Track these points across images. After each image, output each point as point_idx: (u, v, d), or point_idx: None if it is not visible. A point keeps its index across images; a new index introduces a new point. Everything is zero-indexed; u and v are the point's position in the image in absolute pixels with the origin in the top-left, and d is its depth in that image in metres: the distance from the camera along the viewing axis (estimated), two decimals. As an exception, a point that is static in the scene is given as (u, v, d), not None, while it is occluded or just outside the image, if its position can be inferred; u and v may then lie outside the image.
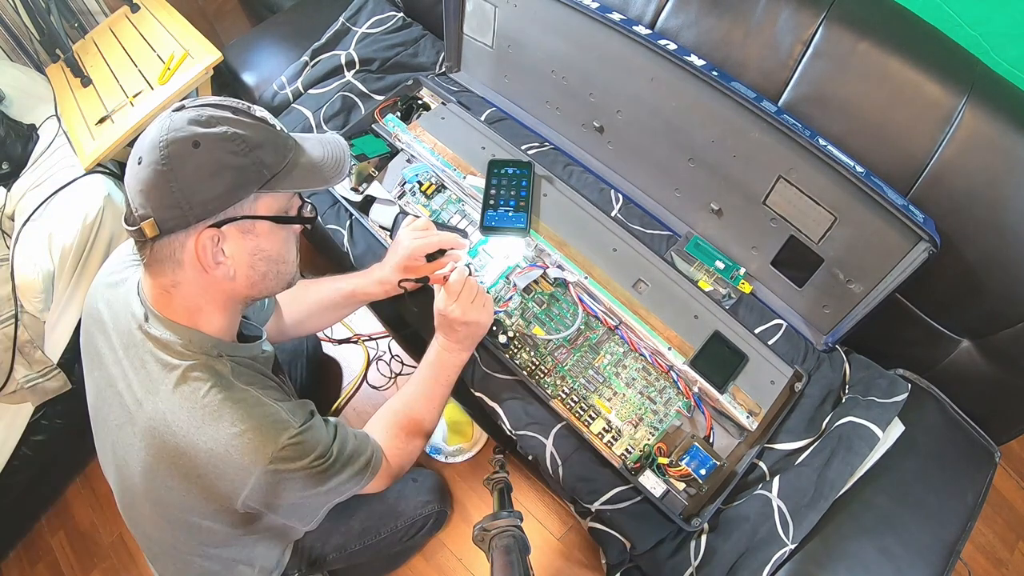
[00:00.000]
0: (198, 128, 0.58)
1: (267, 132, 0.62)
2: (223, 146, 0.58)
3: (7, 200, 1.26)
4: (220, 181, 0.58)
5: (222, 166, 0.58)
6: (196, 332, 0.65)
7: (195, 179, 0.57)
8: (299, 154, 0.65)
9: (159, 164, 0.57)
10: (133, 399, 0.65)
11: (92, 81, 1.35)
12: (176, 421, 0.62)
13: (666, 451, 0.88)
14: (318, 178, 0.67)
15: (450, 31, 1.24)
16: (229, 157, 0.58)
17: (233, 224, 0.61)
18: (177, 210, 0.58)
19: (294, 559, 0.94)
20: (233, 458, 0.62)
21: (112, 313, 0.70)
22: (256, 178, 0.61)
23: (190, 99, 0.62)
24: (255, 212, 0.62)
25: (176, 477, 0.64)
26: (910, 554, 0.86)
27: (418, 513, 1.10)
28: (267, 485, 0.64)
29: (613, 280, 1.00)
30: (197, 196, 0.58)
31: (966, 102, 0.84)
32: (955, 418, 0.98)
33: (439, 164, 1.11)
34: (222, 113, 0.60)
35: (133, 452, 0.66)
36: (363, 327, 1.54)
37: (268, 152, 0.61)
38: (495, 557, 0.70)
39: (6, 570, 1.43)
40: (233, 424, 0.62)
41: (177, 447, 0.62)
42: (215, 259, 0.62)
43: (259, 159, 0.60)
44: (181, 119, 0.58)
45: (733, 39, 0.99)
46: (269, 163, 0.61)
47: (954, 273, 0.90)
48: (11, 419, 1.25)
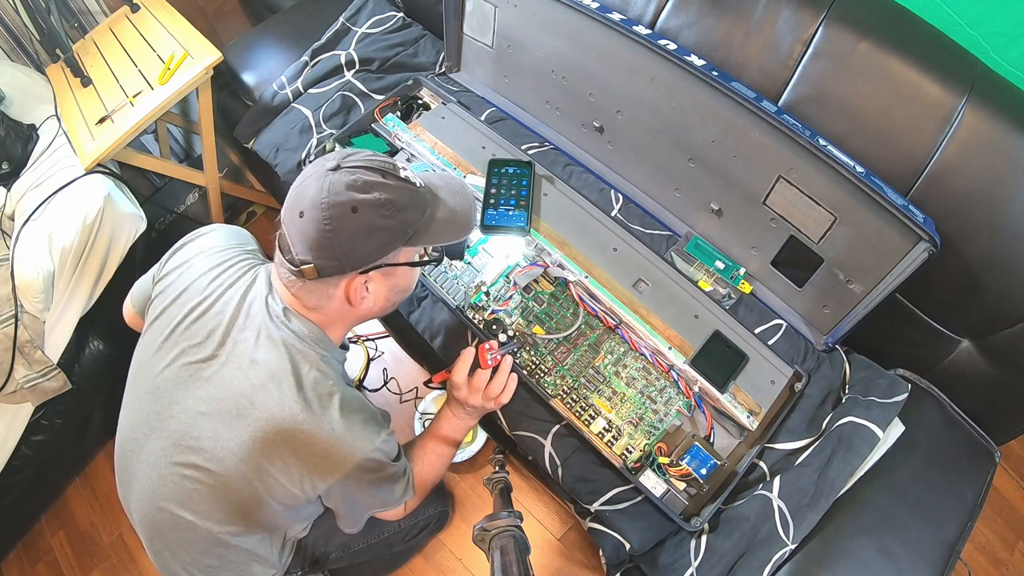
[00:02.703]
0: (356, 194, 0.66)
1: (410, 193, 0.70)
2: (376, 211, 0.67)
3: (7, 200, 1.26)
4: (373, 240, 0.68)
5: (375, 228, 0.67)
6: (324, 334, 0.75)
7: (352, 238, 0.67)
8: (436, 208, 0.74)
9: (323, 223, 0.65)
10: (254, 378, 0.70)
11: (92, 81, 1.35)
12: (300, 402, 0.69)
13: (666, 451, 0.88)
14: (452, 231, 0.77)
15: (450, 31, 1.24)
16: (381, 220, 0.67)
17: (379, 270, 0.72)
18: (335, 261, 0.68)
19: (296, 558, 0.94)
20: (347, 442, 0.70)
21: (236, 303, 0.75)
22: (401, 236, 0.70)
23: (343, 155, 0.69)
24: (398, 260, 0.73)
25: (286, 452, 0.69)
26: (910, 554, 0.86)
27: (420, 513, 1.10)
28: (359, 475, 0.72)
29: (613, 279, 1.00)
30: (354, 252, 0.68)
31: (966, 102, 0.84)
32: (955, 418, 0.98)
33: (439, 163, 1.11)
34: (374, 178, 0.67)
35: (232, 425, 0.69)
36: (363, 327, 1.54)
37: (411, 213, 0.70)
38: (495, 557, 0.70)
39: (6, 570, 1.43)
40: (351, 415, 0.71)
41: (301, 424, 0.69)
42: (361, 296, 0.73)
43: (404, 220, 0.69)
44: (340, 183, 0.66)
45: (733, 39, 0.99)
46: (412, 221, 0.70)
47: (954, 273, 0.90)
48: (11, 419, 1.25)
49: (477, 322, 0.99)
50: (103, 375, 1.34)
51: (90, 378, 1.31)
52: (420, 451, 0.90)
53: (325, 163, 0.68)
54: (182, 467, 0.71)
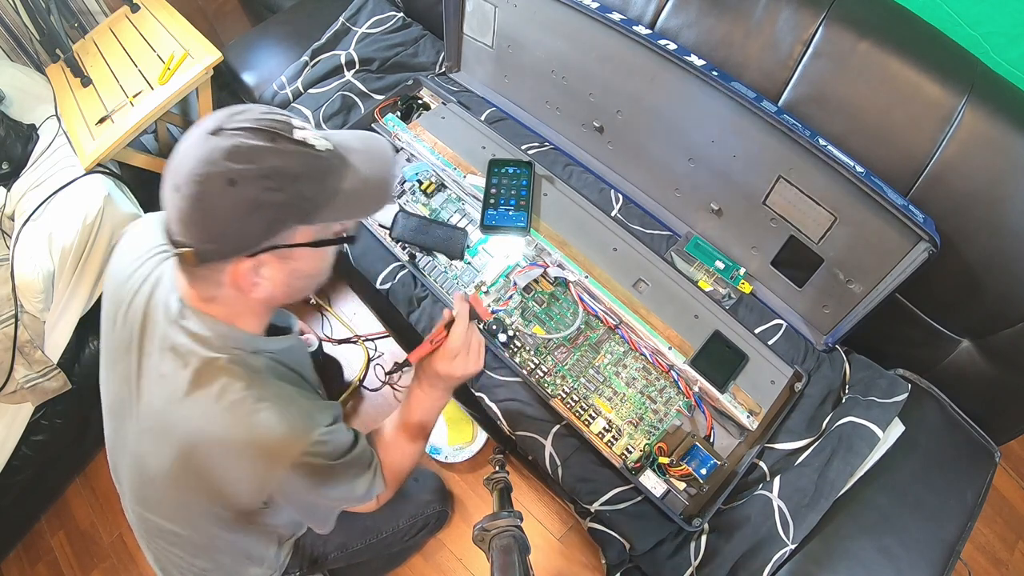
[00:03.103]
0: (234, 165, 0.55)
1: (307, 159, 0.59)
2: (259, 184, 0.56)
3: (7, 200, 1.26)
4: (257, 219, 0.57)
5: (258, 204, 0.56)
6: (232, 328, 0.66)
7: (231, 217, 0.56)
8: (342, 176, 0.62)
9: (195, 199, 0.55)
10: (167, 391, 0.65)
11: (92, 81, 1.35)
12: (212, 412, 0.63)
13: (667, 451, 0.88)
14: (361, 205, 0.65)
15: (450, 31, 1.24)
16: (266, 195, 0.56)
17: (271, 253, 0.60)
18: (215, 244, 0.58)
19: (295, 558, 0.94)
20: (267, 449, 0.63)
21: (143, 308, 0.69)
22: (294, 213, 0.59)
23: (229, 114, 0.58)
24: (293, 241, 0.61)
25: (211, 465, 0.65)
26: (910, 554, 0.86)
27: (419, 513, 1.10)
28: (294, 478, 0.65)
29: (613, 279, 1.00)
30: (234, 234, 0.57)
31: (966, 102, 0.84)
32: (955, 418, 0.98)
33: (439, 163, 1.11)
34: (258, 143, 0.56)
35: (163, 442, 0.66)
36: (363, 327, 1.55)
37: (307, 184, 0.59)
38: (495, 557, 0.70)
39: (6, 570, 1.42)
40: (269, 417, 0.63)
41: (214, 436, 0.63)
42: (252, 283, 0.62)
43: (298, 192, 0.58)
44: (217, 151, 0.55)
45: (733, 39, 0.99)
46: (309, 195, 0.59)
47: (954, 273, 0.90)
48: (11, 419, 1.25)
49: (477, 322, 0.99)
50: None
51: (90, 378, 1.29)
52: (391, 440, 0.81)
53: (207, 125, 0.57)
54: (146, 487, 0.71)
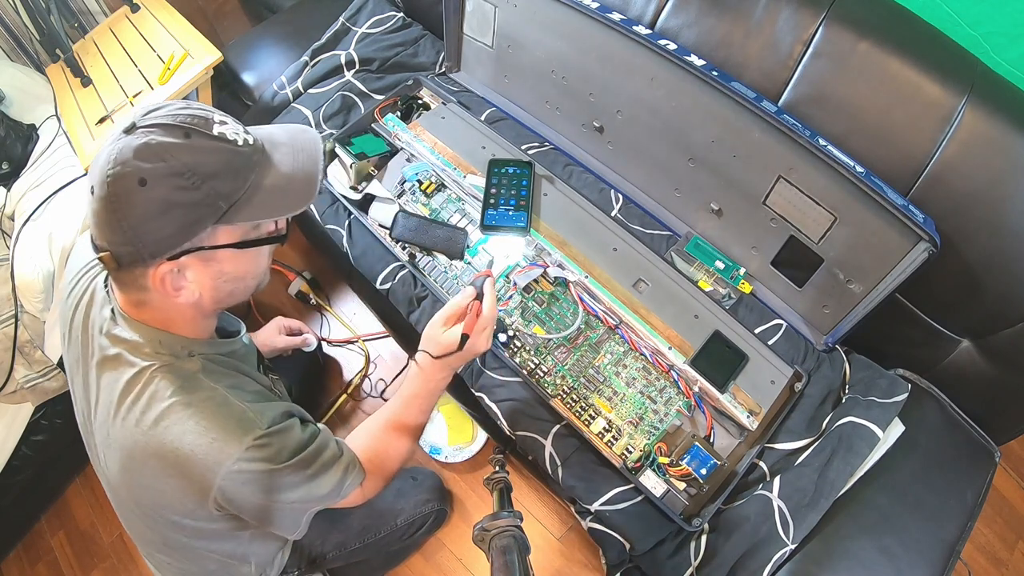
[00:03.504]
0: (143, 163, 0.53)
1: (224, 155, 0.57)
2: (171, 182, 0.54)
3: (7, 200, 1.26)
4: (170, 220, 0.55)
5: (171, 204, 0.54)
6: (165, 333, 0.64)
7: (144, 218, 0.54)
8: (263, 173, 0.60)
9: (107, 201, 0.54)
10: (106, 404, 0.65)
11: (92, 81, 1.35)
12: (144, 422, 0.61)
13: (666, 451, 0.88)
14: (283, 203, 0.62)
15: (450, 31, 1.24)
16: (178, 194, 0.54)
17: (192, 255, 0.58)
18: (130, 247, 0.56)
19: (293, 557, 0.94)
20: (199, 458, 0.61)
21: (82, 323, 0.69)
22: (211, 212, 0.57)
23: (146, 110, 0.57)
24: (215, 242, 0.59)
25: (148, 478, 0.64)
26: (910, 554, 0.86)
27: (418, 512, 1.10)
28: (234, 486, 0.62)
29: (613, 279, 1.00)
30: (148, 235, 0.55)
31: (966, 102, 0.84)
32: (955, 418, 0.98)
33: (439, 163, 1.11)
34: (171, 139, 0.54)
35: (111, 456, 0.66)
36: (363, 327, 1.55)
37: (224, 181, 0.57)
38: (495, 557, 0.70)
39: (6, 570, 1.42)
40: (198, 424, 0.61)
41: (146, 448, 0.62)
42: (176, 286, 0.60)
43: (213, 190, 0.56)
44: (127, 149, 0.53)
45: (733, 39, 0.99)
46: (226, 192, 0.57)
47: (954, 273, 0.90)
48: (11, 419, 1.25)
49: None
50: None
51: (90, 378, 1.31)
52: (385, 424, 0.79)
53: (123, 122, 0.56)
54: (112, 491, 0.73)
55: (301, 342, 1.29)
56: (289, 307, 1.59)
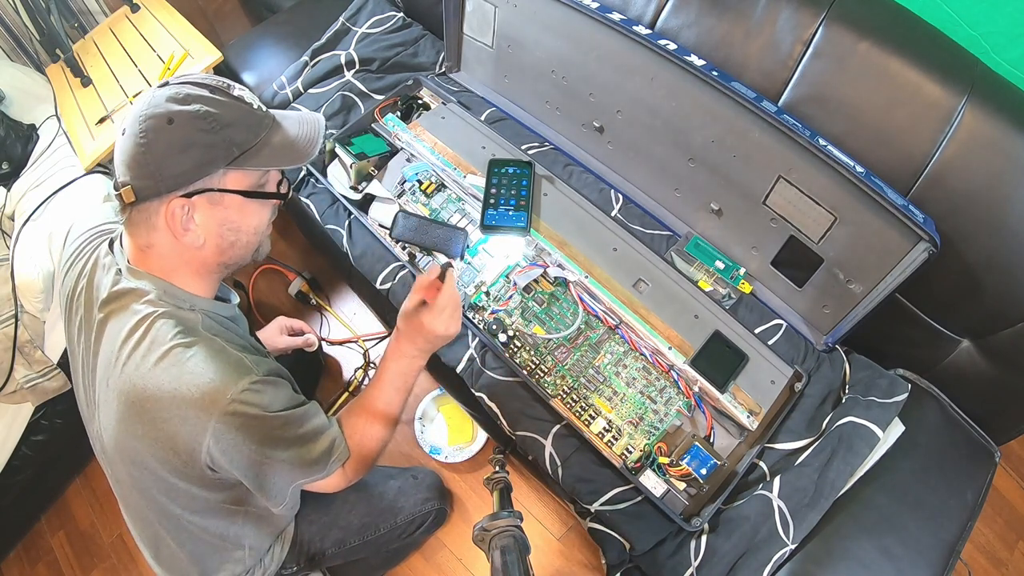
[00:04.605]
0: (174, 106, 0.62)
1: (241, 111, 0.66)
2: (194, 124, 0.63)
3: (7, 200, 1.26)
4: (189, 156, 0.63)
5: (191, 143, 0.63)
6: (169, 284, 0.69)
7: (167, 153, 0.62)
8: (273, 133, 0.69)
9: (138, 137, 0.62)
10: (107, 355, 0.68)
11: (92, 81, 1.35)
12: (144, 364, 0.65)
13: (666, 451, 0.88)
14: (288, 157, 0.71)
15: (450, 31, 1.24)
16: (199, 135, 0.63)
17: (203, 195, 0.66)
18: (151, 180, 0.63)
19: (292, 554, 0.94)
20: (195, 398, 0.63)
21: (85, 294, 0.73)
22: (224, 155, 0.65)
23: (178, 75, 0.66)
24: (224, 186, 0.67)
25: (144, 423, 0.65)
26: (910, 554, 0.86)
27: (417, 510, 1.10)
28: (228, 430, 0.64)
29: (613, 279, 1.00)
30: (168, 169, 0.63)
31: (966, 102, 0.84)
32: (955, 418, 0.98)
33: (439, 163, 1.11)
34: (199, 91, 0.64)
35: (109, 411, 0.68)
36: (363, 327, 1.55)
37: (239, 131, 0.65)
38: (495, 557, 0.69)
39: (6, 570, 1.43)
40: (196, 365, 0.64)
41: (145, 390, 0.64)
42: (184, 226, 0.66)
43: (229, 137, 0.65)
44: (161, 96, 0.63)
45: (733, 39, 0.99)
46: (239, 141, 0.65)
47: (954, 273, 0.90)
48: (11, 419, 1.25)
49: (477, 322, 0.99)
50: None
51: (90, 378, 1.31)
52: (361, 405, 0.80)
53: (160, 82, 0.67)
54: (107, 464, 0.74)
55: (303, 342, 1.29)
56: (289, 307, 1.59)
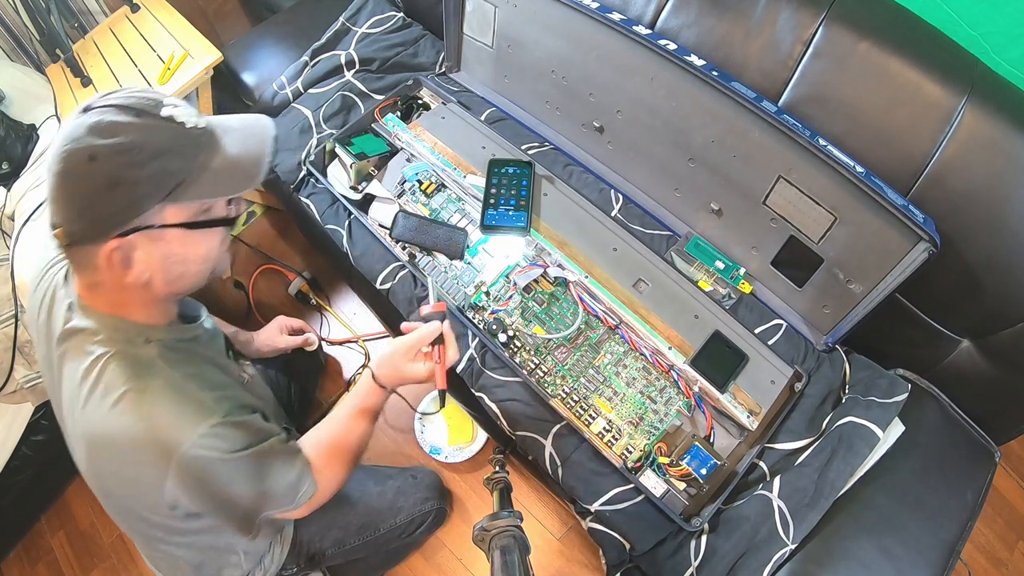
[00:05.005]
0: (95, 139, 0.55)
1: (172, 134, 0.59)
2: (119, 159, 0.56)
3: (7, 200, 1.26)
4: (118, 195, 0.57)
5: (118, 180, 0.56)
6: (119, 319, 0.65)
7: (93, 193, 0.56)
8: (211, 155, 0.61)
9: (61, 176, 0.56)
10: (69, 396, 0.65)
11: (92, 81, 1.35)
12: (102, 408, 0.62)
13: (666, 451, 0.88)
14: (230, 183, 0.64)
15: (450, 31, 1.24)
16: (125, 171, 0.56)
17: (140, 233, 0.59)
18: (81, 222, 0.57)
19: (291, 554, 0.94)
20: (152, 444, 0.61)
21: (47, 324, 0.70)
22: (158, 189, 0.58)
23: (101, 95, 0.59)
24: (163, 221, 0.60)
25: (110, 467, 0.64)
26: (910, 554, 0.86)
27: (417, 510, 1.10)
28: (187, 475, 0.62)
29: (613, 279, 1.00)
30: (96, 210, 0.57)
31: (966, 102, 0.84)
32: (955, 418, 0.98)
33: (439, 163, 1.11)
34: (122, 118, 0.57)
35: (79, 447, 0.67)
36: (363, 327, 1.55)
37: (172, 159, 0.58)
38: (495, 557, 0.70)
39: (6, 570, 1.42)
40: (152, 410, 0.61)
41: (105, 434, 0.62)
42: (125, 267, 0.61)
43: (162, 168, 0.58)
44: (81, 126, 0.56)
45: (733, 39, 0.99)
46: (173, 170, 0.59)
47: (954, 273, 0.90)
48: (11, 419, 1.25)
49: (477, 322, 0.99)
50: None
51: (90, 378, 1.31)
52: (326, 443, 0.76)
53: (81, 104, 0.59)
54: None
55: (303, 341, 1.29)
56: (289, 307, 1.58)
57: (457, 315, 0.99)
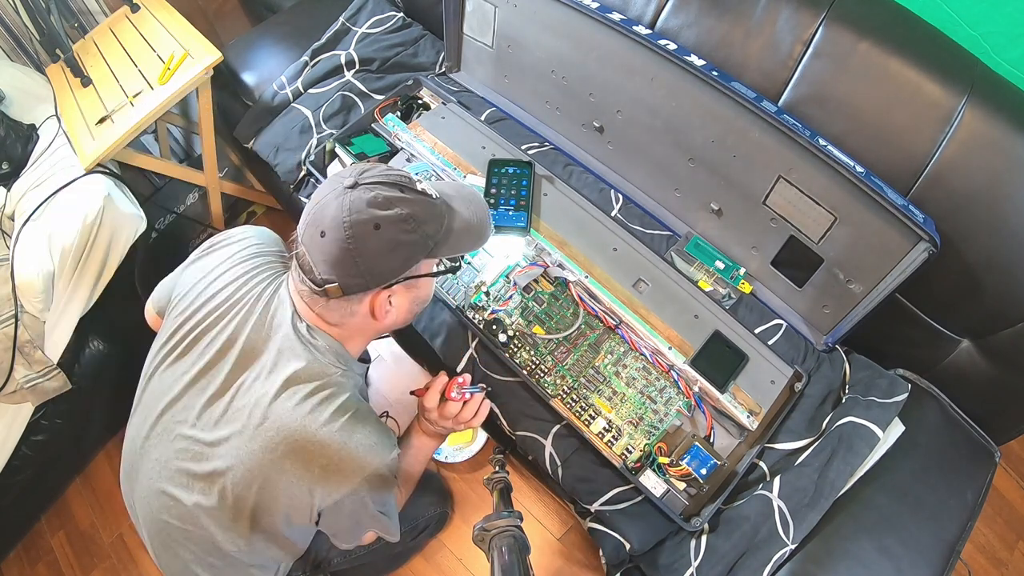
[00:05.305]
0: (377, 211, 0.66)
1: (428, 206, 0.71)
2: (398, 227, 0.67)
3: (7, 200, 1.26)
4: (396, 256, 0.69)
5: (398, 244, 0.68)
6: (341, 347, 0.76)
7: (376, 255, 0.67)
8: (452, 219, 0.74)
9: (345, 242, 0.66)
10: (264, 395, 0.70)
11: (92, 81, 1.34)
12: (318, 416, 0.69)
13: (666, 451, 0.88)
14: (469, 240, 0.78)
15: (450, 31, 1.24)
16: (403, 235, 0.68)
17: (402, 284, 0.72)
18: (360, 279, 0.68)
19: (298, 561, 0.94)
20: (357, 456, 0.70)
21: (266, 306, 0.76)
22: (423, 249, 0.71)
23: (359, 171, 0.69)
24: (419, 272, 0.74)
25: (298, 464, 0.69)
26: (910, 554, 0.86)
27: (422, 514, 1.10)
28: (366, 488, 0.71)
29: (613, 279, 1.00)
30: (377, 268, 0.68)
31: (966, 102, 0.84)
32: (955, 418, 0.98)
33: (439, 163, 1.11)
34: (393, 193, 0.68)
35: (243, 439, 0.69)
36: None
37: (431, 225, 0.71)
38: (495, 557, 0.70)
39: (6, 570, 1.42)
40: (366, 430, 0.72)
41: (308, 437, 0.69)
42: (385, 310, 0.73)
43: (425, 233, 0.70)
44: (360, 201, 0.66)
45: (733, 39, 0.99)
46: (431, 233, 0.71)
47: (954, 273, 0.90)
48: (11, 419, 1.25)
49: (477, 322, 0.99)
50: (103, 375, 1.34)
51: (90, 378, 1.31)
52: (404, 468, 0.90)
53: (342, 181, 0.68)
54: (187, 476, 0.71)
55: None
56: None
57: (457, 315, 0.99)
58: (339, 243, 0.66)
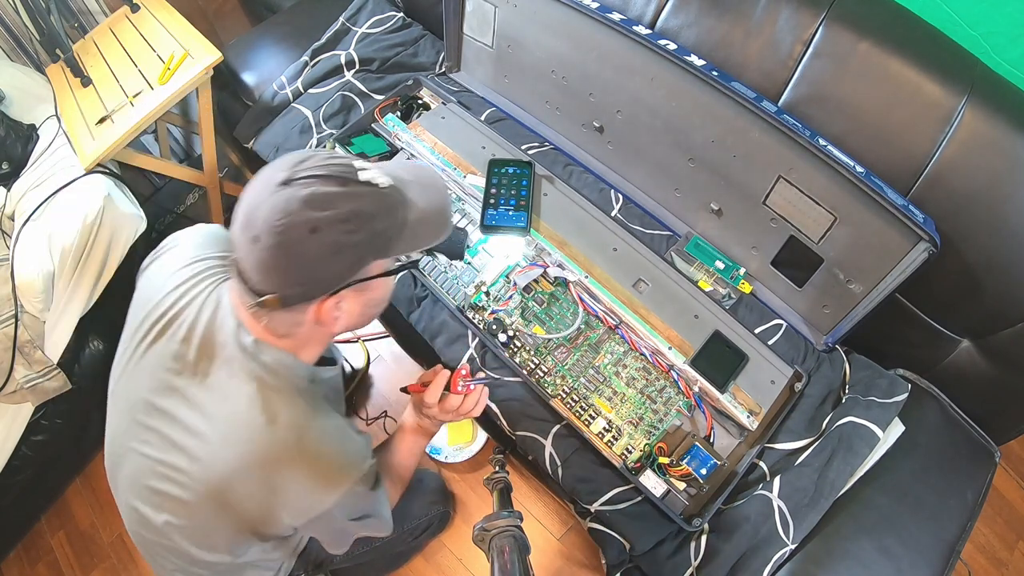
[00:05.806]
0: (313, 212, 0.57)
1: (376, 199, 0.62)
2: (339, 228, 0.58)
3: (7, 200, 1.26)
4: (341, 260, 0.61)
5: (341, 247, 0.59)
6: (296, 360, 0.68)
7: (316, 261, 0.59)
8: (406, 211, 0.65)
9: (278, 247, 0.57)
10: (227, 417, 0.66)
11: (92, 81, 1.35)
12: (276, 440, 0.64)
13: (667, 451, 0.88)
14: (426, 235, 0.69)
15: (450, 31, 1.24)
16: (346, 237, 0.59)
17: (351, 288, 0.64)
18: (300, 287, 0.61)
19: (299, 561, 0.94)
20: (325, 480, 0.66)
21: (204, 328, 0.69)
22: (372, 249, 0.63)
23: (293, 163, 0.60)
24: (370, 274, 0.65)
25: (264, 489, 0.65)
26: (910, 554, 0.86)
27: (423, 514, 1.10)
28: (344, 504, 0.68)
29: (613, 279, 1.00)
30: (319, 275, 0.61)
31: (966, 102, 0.84)
32: (955, 418, 0.98)
33: (439, 163, 1.11)
34: (332, 189, 0.59)
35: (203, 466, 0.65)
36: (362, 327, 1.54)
37: (380, 220, 0.62)
38: (495, 557, 0.70)
39: (6, 570, 1.42)
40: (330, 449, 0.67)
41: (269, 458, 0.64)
42: (333, 317, 0.65)
43: (373, 230, 0.61)
44: (295, 200, 0.57)
45: (733, 39, 0.99)
46: (381, 230, 0.62)
47: (954, 273, 0.90)
48: (11, 419, 1.25)
49: (477, 322, 0.99)
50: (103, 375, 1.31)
51: (90, 378, 1.31)
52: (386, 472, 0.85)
53: (274, 176, 0.59)
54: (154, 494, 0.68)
55: None
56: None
57: (457, 315, 0.99)
58: (273, 250, 0.57)
